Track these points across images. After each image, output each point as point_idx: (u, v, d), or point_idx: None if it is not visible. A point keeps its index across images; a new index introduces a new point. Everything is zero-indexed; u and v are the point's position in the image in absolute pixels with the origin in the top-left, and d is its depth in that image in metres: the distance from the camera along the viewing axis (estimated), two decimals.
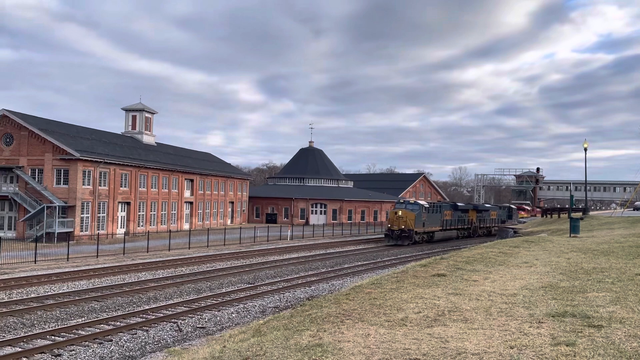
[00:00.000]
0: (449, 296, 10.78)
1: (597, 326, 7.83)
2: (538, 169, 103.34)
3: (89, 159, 44.20)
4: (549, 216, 59.64)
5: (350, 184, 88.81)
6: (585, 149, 46.77)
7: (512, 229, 52.67)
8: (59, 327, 14.49)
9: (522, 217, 75.73)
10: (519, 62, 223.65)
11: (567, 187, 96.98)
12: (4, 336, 13.50)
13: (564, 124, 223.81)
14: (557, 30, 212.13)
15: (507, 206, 68.30)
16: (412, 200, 49.63)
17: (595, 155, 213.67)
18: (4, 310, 15.98)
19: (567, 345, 6.77)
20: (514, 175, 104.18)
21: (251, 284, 22.59)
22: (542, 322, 8.23)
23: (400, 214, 43.71)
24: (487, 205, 64.12)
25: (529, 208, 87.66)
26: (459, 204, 54.06)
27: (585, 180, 52.10)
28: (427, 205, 46.13)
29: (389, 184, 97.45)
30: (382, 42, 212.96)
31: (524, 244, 23.01)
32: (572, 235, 29.26)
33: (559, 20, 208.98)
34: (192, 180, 61.59)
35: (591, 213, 56.89)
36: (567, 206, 62.46)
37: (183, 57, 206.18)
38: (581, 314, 8.68)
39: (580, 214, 47.46)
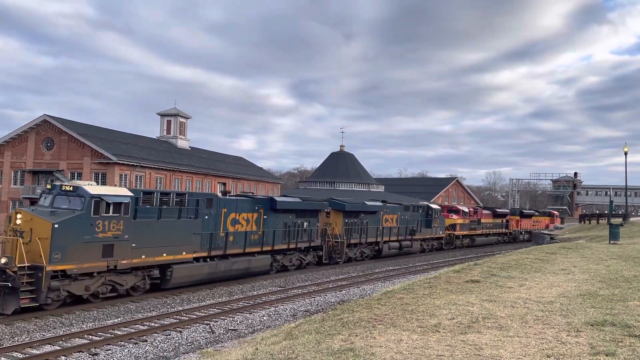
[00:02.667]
0: (483, 303, 10.60)
1: (638, 336, 7.56)
2: (576, 174, 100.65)
3: (126, 162, 45.31)
4: (587, 222, 57.99)
5: (382, 188, 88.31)
6: (626, 153, 45.34)
7: (549, 234, 51.30)
8: (96, 326, 14.85)
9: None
10: (554, 64, 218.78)
11: (606, 192, 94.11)
12: (44, 335, 13.92)
13: (602, 128, 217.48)
14: (594, 31, 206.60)
15: (425, 205, 39.76)
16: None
17: (636, 159, 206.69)
18: (44, 309, 16.46)
19: (606, 355, 6.57)
20: (551, 180, 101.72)
21: (282, 287, 22.69)
22: (580, 331, 8.00)
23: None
24: (372, 203, 34.49)
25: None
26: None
27: (626, 185, 50.49)
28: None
29: (420, 188, 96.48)
30: (413, 45, 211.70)
31: (561, 250, 22.43)
32: (611, 242, 28.39)
33: (596, 22, 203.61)
34: (224, 184, 62.39)
35: (632, 219, 55.05)
36: (606, 212, 60.54)
37: (216, 62, 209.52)
38: (621, 323, 8.40)
39: (620, 220, 45.98)
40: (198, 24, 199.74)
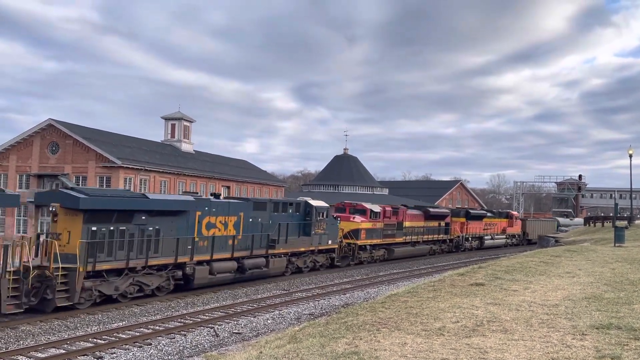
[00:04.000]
0: (487, 306, 10.57)
1: None
2: (580, 176, 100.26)
3: (130, 166, 45.45)
4: (592, 225, 57.72)
5: (385, 191, 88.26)
6: (630, 156, 45.15)
7: (554, 237, 50.98)
8: (101, 330, 14.89)
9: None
10: (558, 67, 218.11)
11: (611, 195, 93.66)
12: (48, 338, 13.96)
13: (606, 130, 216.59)
14: (598, 34, 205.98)
15: (300, 203, 27.62)
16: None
17: None
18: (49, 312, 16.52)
19: (612, 359, 6.55)
20: (555, 182, 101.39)
21: (286, 290, 22.69)
22: (585, 334, 7.97)
23: None
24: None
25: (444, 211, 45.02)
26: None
27: (631, 187, 50.22)
28: None
29: (424, 191, 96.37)
30: (416, 48, 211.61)
31: (566, 253, 22.36)
32: (616, 244, 28.26)
33: (600, 24, 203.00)
34: (228, 187, 62.50)
35: (637, 222, 54.82)
36: (611, 214, 60.17)
37: (219, 66, 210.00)
38: (627, 326, 8.37)
39: (626, 222, 45.77)
40: (201, 27, 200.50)
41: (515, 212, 58.82)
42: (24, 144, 46.91)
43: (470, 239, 46.29)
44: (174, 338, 14.26)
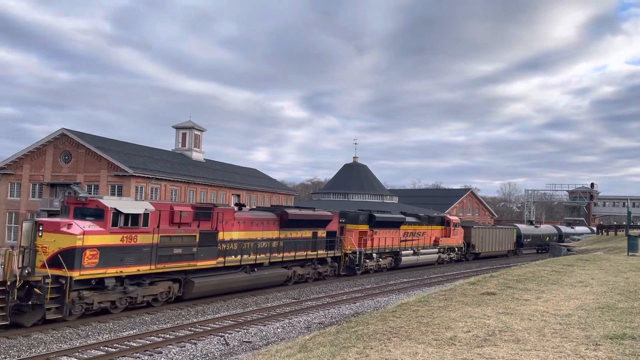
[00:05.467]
0: (499, 315, 10.49)
1: None
2: (592, 185, 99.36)
3: (142, 175, 45.80)
4: (604, 233, 57.05)
5: (395, 200, 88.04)
6: None
7: (566, 246, 50.20)
8: (112, 338, 14.95)
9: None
10: (568, 74, 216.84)
11: (624, 203, 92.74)
12: (60, 346, 14.04)
13: (618, 138, 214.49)
14: (608, 41, 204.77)
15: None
16: None
17: None
18: (61, 321, 16.61)
19: None
20: (567, 190, 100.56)
21: (296, 299, 22.66)
22: (599, 345, 7.88)
23: None
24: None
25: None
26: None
27: None
28: None
29: (434, 199, 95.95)
30: (426, 57, 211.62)
31: (579, 262, 22.13)
32: (630, 253, 27.94)
33: (610, 32, 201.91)
34: (238, 196, 62.68)
35: None
36: (624, 223, 59.35)
37: (230, 76, 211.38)
38: None
39: (639, 231, 45.22)
40: (212, 38, 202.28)
41: (454, 217, 43.18)
42: (38, 153, 47.48)
43: (376, 255, 32.40)
44: (184, 346, 14.28)
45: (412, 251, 35.99)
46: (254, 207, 40.09)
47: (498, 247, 49.79)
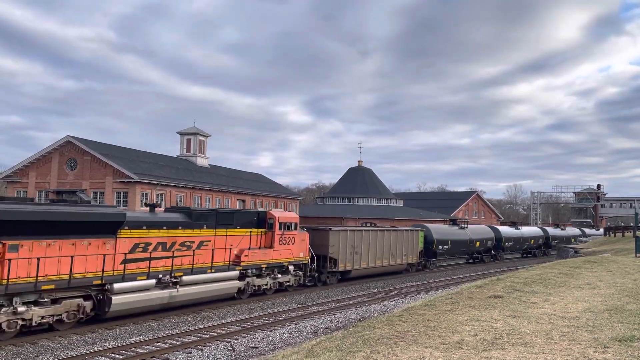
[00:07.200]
0: (506, 319, 10.43)
1: None
2: (599, 186, 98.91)
3: (147, 181, 45.93)
4: (612, 235, 56.69)
5: (400, 203, 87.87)
6: None
7: (573, 248, 49.66)
8: (119, 345, 14.96)
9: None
10: (572, 76, 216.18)
11: (631, 204, 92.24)
12: (67, 353, 14.06)
13: (624, 139, 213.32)
14: (612, 42, 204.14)
15: None
16: None
17: None
18: (68, 328, 16.65)
19: None
20: (573, 192, 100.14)
21: (302, 304, 22.62)
22: (607, 347, 7.82)
23: None
24: None
25: None
26: None
27: None
28: None
29: (440, 202, 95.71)
30: (429, 60, 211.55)
31: (586, 264, 22.00)
32: (637, 255, 27.75)
33: (614, 33, 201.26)
34: (243, 201, 62.74)
35: None
36: (631, 224, 58.86)
37: (233, 81, 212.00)
38: None
39: None
40: (215, 44, 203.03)
41: (288, 214, 25.41)
42: (43, 161, 47.74)
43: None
44: (190, 352, 14.28)
45: (155, 280, 18.73)
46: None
47: (389, 260, 33.43)
